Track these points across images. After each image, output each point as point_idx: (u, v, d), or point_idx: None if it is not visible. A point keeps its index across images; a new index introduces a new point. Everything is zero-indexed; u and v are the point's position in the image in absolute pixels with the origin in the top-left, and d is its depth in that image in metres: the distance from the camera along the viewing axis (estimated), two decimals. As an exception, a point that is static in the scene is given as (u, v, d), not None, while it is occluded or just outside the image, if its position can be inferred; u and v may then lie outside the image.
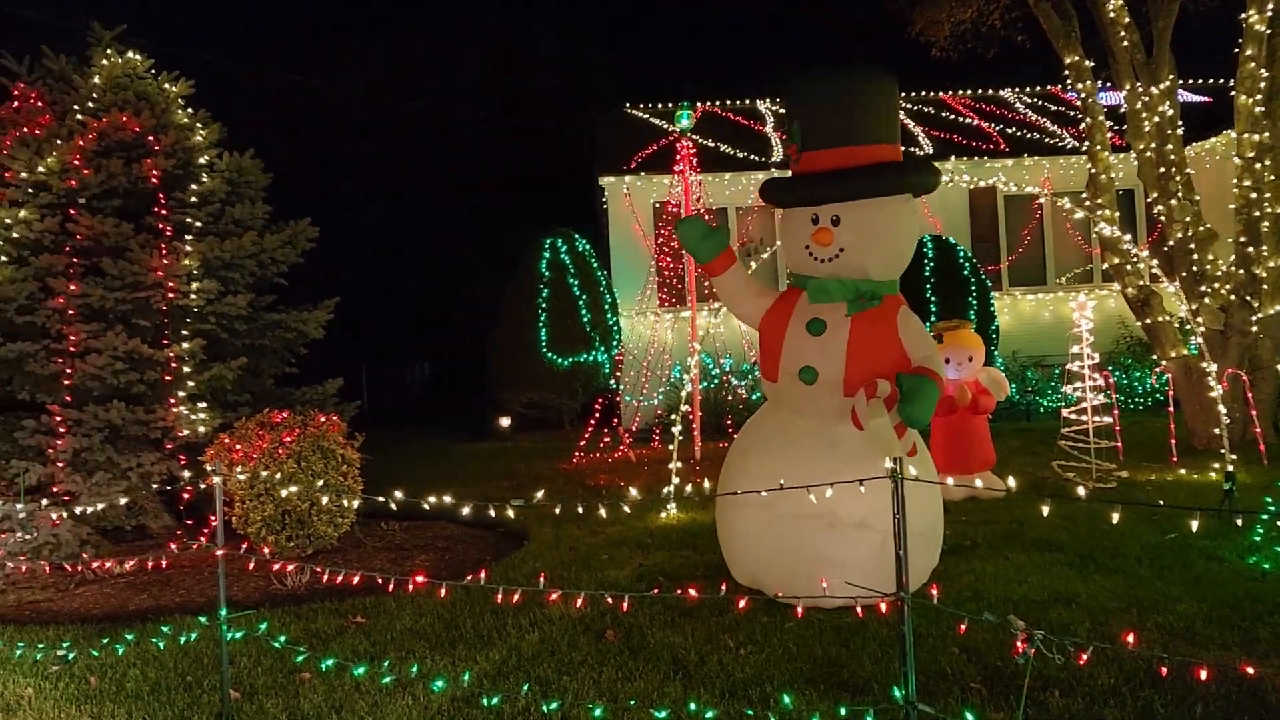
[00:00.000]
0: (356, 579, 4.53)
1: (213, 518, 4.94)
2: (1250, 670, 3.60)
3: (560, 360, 15.52)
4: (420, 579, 4.36)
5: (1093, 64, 11.35)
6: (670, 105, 19.50)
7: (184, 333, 8.29)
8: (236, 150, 9.23)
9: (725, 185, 16.79)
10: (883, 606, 4.04)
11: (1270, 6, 10.22)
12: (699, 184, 13.18)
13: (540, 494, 4.30)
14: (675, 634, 5.04)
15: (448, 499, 4.54)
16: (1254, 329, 10.39)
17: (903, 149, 5.75)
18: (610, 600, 4.69)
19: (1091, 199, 11.20)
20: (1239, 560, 5.89)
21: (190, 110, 9.17)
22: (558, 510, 4.51)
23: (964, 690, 4.10)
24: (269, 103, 25.83)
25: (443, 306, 27.99)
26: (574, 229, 16.51)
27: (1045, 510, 3.83)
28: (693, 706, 3.84)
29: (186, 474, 7.82)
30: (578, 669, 4.62)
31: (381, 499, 4.48)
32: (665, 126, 18.25)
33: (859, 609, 4.59)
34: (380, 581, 4.76)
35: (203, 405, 8.20)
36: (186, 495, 8.08)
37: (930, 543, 5.38)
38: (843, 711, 3.68)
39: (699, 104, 19.07)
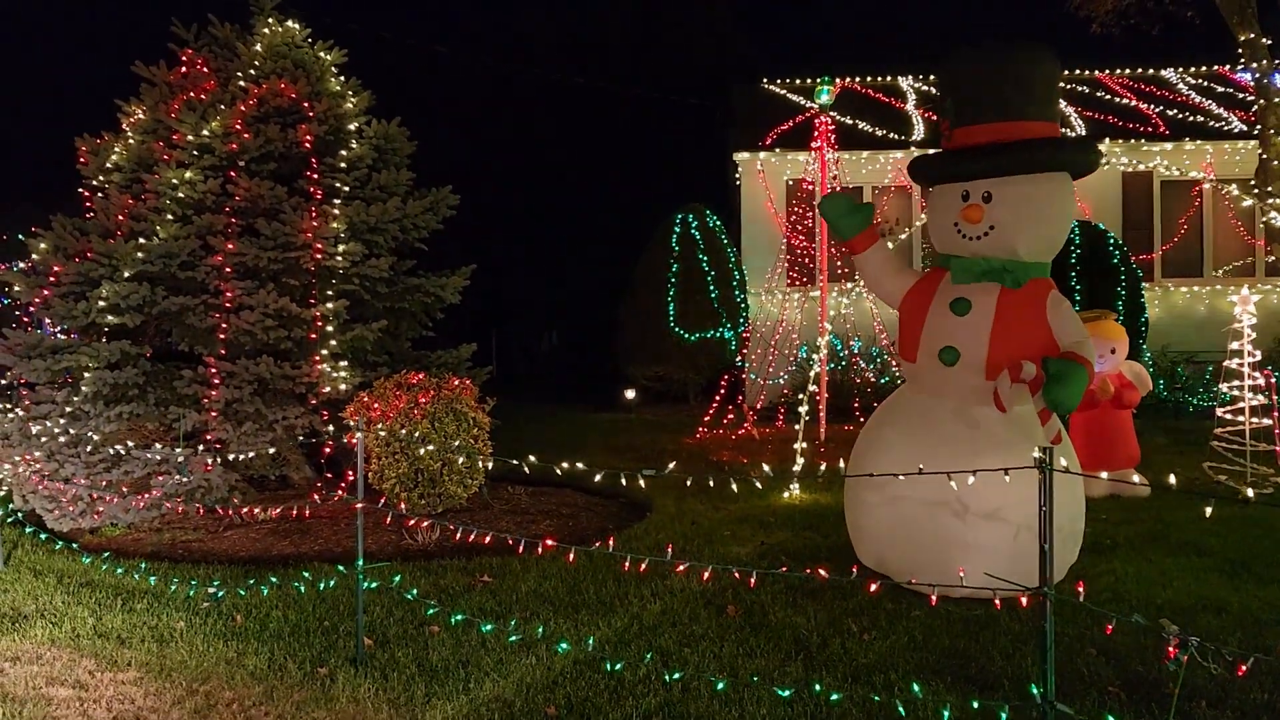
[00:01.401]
0: (488, 539, 4.64)
1: (350, 472, 5.16)
2: None
3: (687, 335, 15.52)
4: (549, 543, 4.43)
5: (1269, 42, 10.60)
6: (809, 81, 19.16)
7: (329, 293, 8.62)
8: (384, 118, 9.52)
9: (862, 164, 16.42)
10: (1023, 601, 3.90)
11: None
12: (836, 162, 12.92)
13: (672, 465, 4.30)
14: (797, 614, 5.00)
15: (579, 466, 4.59)
16: None
17: (1060, 129, 5.48)
18: (738, 575, 4.67)
19: (1261, 186, 10.51)
20: None
21: (342, 78, 9.49)
22: (689, 483, 4.51)
23: (1101, 694, 3.94)
24: (412, 73, 26.51)
25: (575, 277, 28.34)
26: (706, 205, 16.43)
27: (1208, 511, 3.63)
28: (817, 688, 3.80)
29: (331, 429, 8.15)
30: (698, 642, 4.63)
31: (515, 461, 4.57)
32: (803, 102, 17.94)
33: (997, 601, 4.45)
34: (511, 543, 4.86)
35: (344, 364, 8.52)
36: (327, 449, 8.43)
37: (1070, 539, 5.17)
38: (975, 705, 3.58)
39: (838, 80, 18.67)
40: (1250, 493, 7.85)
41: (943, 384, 5.28)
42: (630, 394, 16.45)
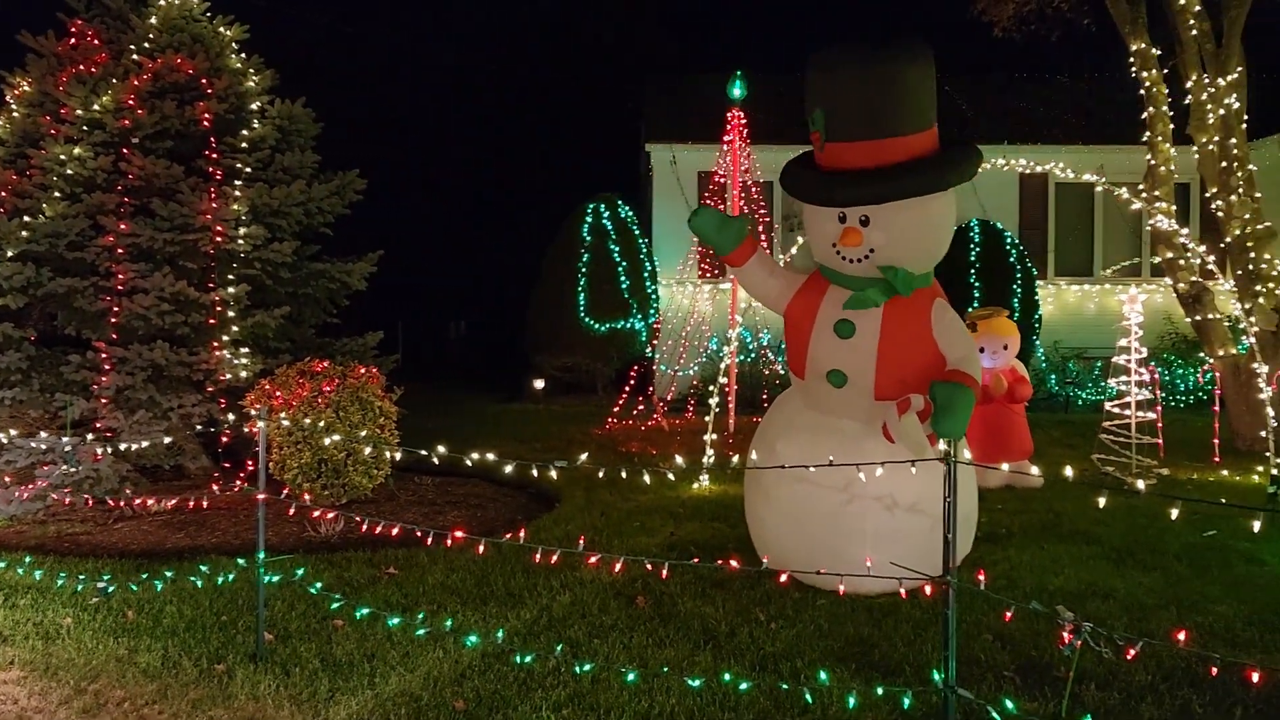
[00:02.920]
0: (394, 531, 4.55)
1: (251, 462, 5.00)
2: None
3: (597, 326, 15.51)
4: (458, 534, 4.37)
5: (1158, 53, 11.06)
6: (723, 74, 19.30)
7: (229, 277, 8.34)
8: (288, 98, 9.24)
9: (774, 158, 16.61)
10: (927, 590, 4.00)
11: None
12: (748, 156, 13.04)
13: (584, 457, 4.29)
14: (706, 604, 5.04)
15: (489, 457, 4.54)
16: (1307, 332, 10.16)
17: (938, 132, 5.13)
18: (648, 566, 4.68)
19: (1149, 190, 10.97)
20: (1281, 565, 5.78)
21: (243, 55, 9.18)
22: (599, 474, 4.49)
23: (998, 678, 4.07)
24: (321, 53, 25.87)
25: (483, 266, 28.06)
26: (618, 195, 16.42)
27: (1101, 502, 3.77)
28: (727, 677, 3.83)
29: (230, 417, 7.90)
30: (609, 633, 4.63)
31: (423, 452, 4.49)
32: (716, 96, 18.07)
33: (903, 591, 4.55)
34: (418, 535, 4.78)
35: (245, 350, 8.26)
36: (225, 439, 8.16)
37: (967, 529, 5.32)
38: (879, 691, 3.65)
39: (751, 75, 18.84)
40: (1141, 485, 8.21)
41: (834, 406, 5.20)
42: (539, 384, 16.37)
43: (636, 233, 16.15)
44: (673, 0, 36.87)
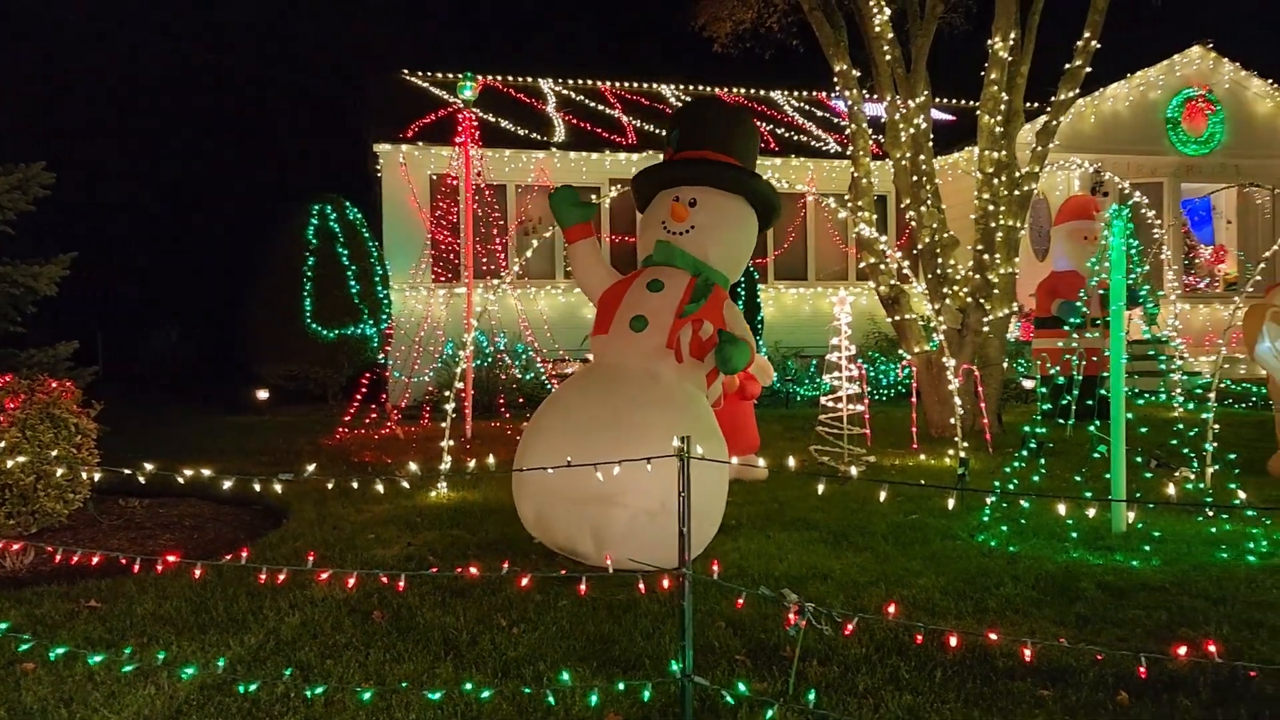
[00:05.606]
0: (95, 559, 4.11)
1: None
2: (993, 637, 3.92)
3: (325, 332, 14.85)
4: (170, 559, 4.01)
5: (859, 74, 12.03)
6: (451, 75, 19.06)
7: (-117, 281, 7.25)
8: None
9: (505, 162, 16.60)
10: (664, 583, 4.11)
11: (1013, 35, 11.22)
12: (480, 158, 12.93)
13: (312, 468, 4.06)
14: (446, 614, 4.92)
15: (205, 473, 4.20)
16: (985, 329, 11.40)
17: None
18: (384, 579, 4.51)
19: (853, 201, 11.90)
20: (969, 538, 6.42)
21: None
22: (330, 485, 4.28)
23: (731, 663, 4.24)
24: (20, 40, 23.13)
25: (198, 270, 26.09)
26: (346, 196, 15.81)
27: (820, 490, 4.02)
28: (468, 687, 3.76)
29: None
30: (342, 652, 4.41)
31: (128, 471, 4.09)
32: (445, 96, 17.81)
33: (641, 585, 4.65)
34: (124, 562, 4.35)
35: (-95, 364, 7.21)
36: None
37: (710, 520, 5.55)
38: (621, 687, 3.71)
39: (480, 77, 18.73)
40: (854, 471, 8.87)
41: (628, 347, 5.83)
42: (263, 394, 15.45)
43: (367, 236, 15.62)
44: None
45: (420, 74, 19.56)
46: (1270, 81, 18.24)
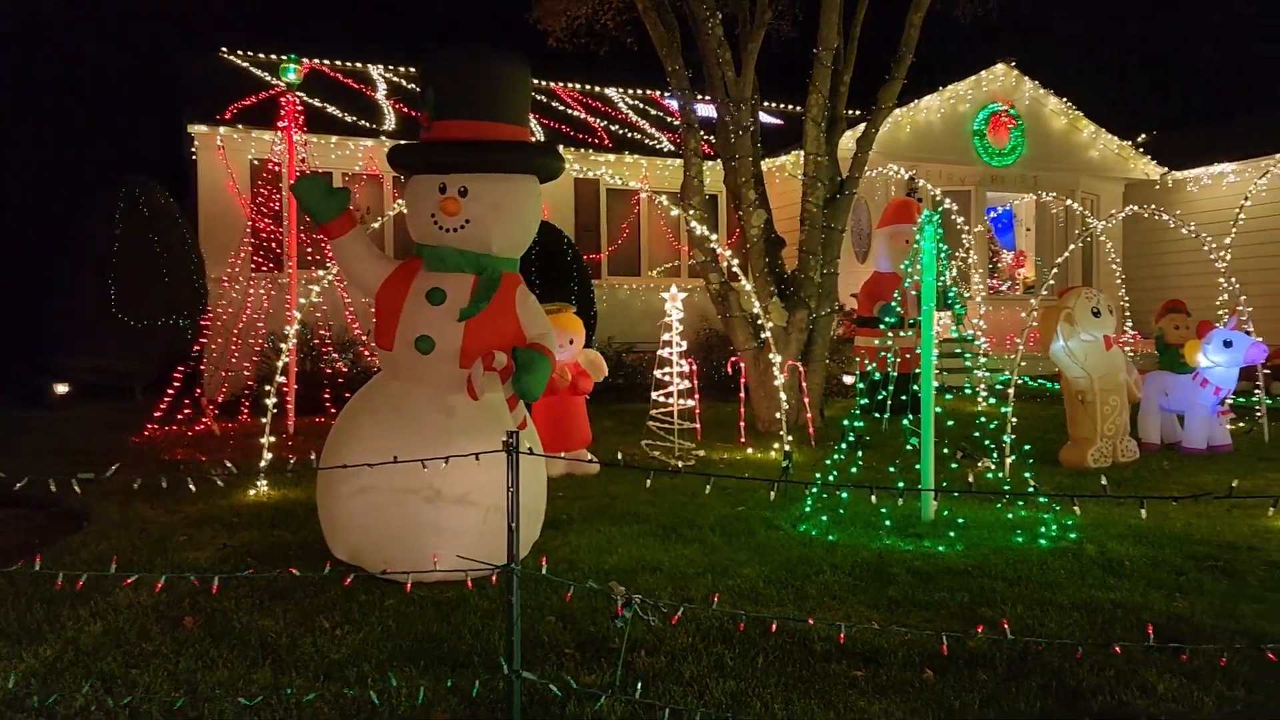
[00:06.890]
0: None
1: None
2: (811, 622, 4.08)
3: (133, 322, 13.97)
4: (-49, 567, 3.69)
5: (691, 75, 12.25)
6: (273, 56, 18.28)
7: None
8: None
9: (332, 149, 16.06)
10: (493, 579, 4.07)
11: (836, 45, 11.69)
12: (304, 144, 12.45)
13: (115, 467, 3.81)
14: (265, 617, 4.73)
15: (-8, 472, 3.88)
16: (810, 327, 11.84)
17: (531, 135, 5.86)
18: (196, 583, 4.28)
19: (685, 199, 12.12)
20: (792, 528, 6.67)
21: None
22: (136, 485, 4.04)
23: (560, 656, 4.25)
24: None
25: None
26: (158, 179, 14.91)
27: (649, 483, 4.08)
28: (288, 691, 3.62)
29: None
30: (149, 661, 4.17)
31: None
32: (267, 78, 17.06)
33: (469, 581, 4.59)
34: (-106, 571, 3.96)
35: None
36: None
37: (535, 516, 5.53)
38: (449, 685, 3.65)
39: (305, 60, 18.06)
40: (681, 464, 9.04)
41: (419, 372, 5.36)
42: (61, 388, 14.39)
43: (181, 221, 14.77)
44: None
45: (240, 53, 18.66)
46: (1065, 100, 19.71)
